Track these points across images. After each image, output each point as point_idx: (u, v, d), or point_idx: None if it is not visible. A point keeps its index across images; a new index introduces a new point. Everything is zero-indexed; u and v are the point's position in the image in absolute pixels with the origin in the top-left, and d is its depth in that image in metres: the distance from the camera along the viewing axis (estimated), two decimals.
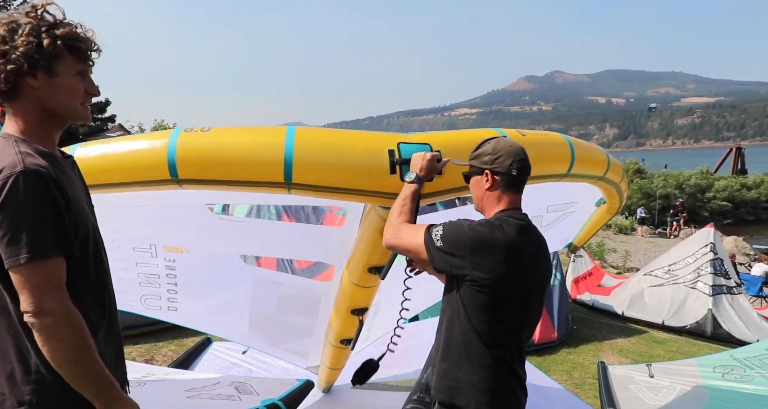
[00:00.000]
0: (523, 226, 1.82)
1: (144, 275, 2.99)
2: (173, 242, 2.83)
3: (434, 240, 1.76)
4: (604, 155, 2.64)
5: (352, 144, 1.86)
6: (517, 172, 1.83)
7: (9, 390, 1.35)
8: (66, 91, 1.41)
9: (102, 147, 1.93)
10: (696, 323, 7.10)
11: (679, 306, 7.43)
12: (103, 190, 1.93)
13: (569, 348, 6.42)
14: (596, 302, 8.27)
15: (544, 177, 2.27)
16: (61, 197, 1.32)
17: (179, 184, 1.82)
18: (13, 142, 1.36)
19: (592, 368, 5.68)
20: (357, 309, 2.52)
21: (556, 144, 2.30)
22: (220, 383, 3.31)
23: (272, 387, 3.08)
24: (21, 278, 1.27)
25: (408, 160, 1.88)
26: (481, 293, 1.72)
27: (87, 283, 1.45)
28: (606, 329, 7.27)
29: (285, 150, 1.75)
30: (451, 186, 2.00)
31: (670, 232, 19.59)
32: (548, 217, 3.54)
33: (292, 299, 3.20)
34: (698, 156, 32.52)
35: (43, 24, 1.37)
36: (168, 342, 5.92)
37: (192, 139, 1.79)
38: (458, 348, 1.79)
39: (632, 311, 7.73)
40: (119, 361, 1.60)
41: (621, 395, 3.73)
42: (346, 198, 1.92)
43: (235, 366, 4.74)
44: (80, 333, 1.31)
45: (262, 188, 1.84)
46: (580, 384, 5.26)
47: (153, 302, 3.17)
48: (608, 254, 13.37)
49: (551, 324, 6.50)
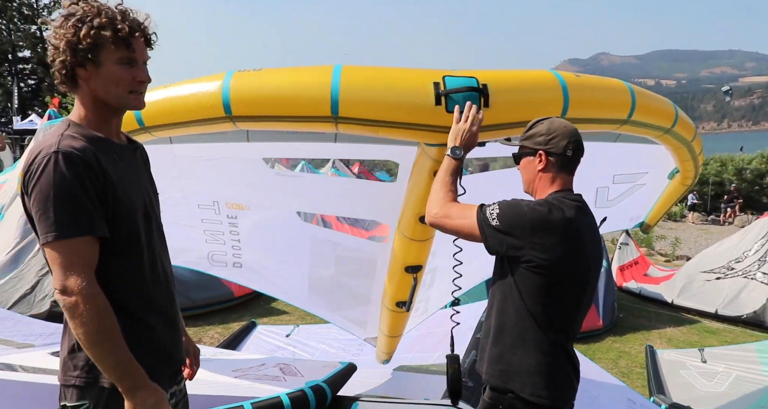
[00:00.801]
0: (579, 207, 1.79)
1: (209, 232, 3.13)
2: (234, 198, 2.94)
3: (489, 219, 1.72)
4: (671, 107, 2.47)
5: (398, 78, 1.87)
6: (572, 153, 1.79)
7: (70, 360, 1.44)
8: (111, 79, 1.43)
9: (164, 91, 2.06)
10: (753, 313, 6.73)
11: (735, 296, 7.06)
12: (166, 130, 2.07)
13: (615, 336, 6.24)
14: (643, 290, 7.99)
15: (601, 121, 2.17)
16: (94, 179, 1.35)
17: (233, 121, 1.92)
18: (66, 125, 1.43)
19: (639, 357, 5.52)
20: (411, 266, 2.52)
21: (616, 88, 2.19)
22: (266, 365, 3.40)
23: (316, 369, 3.14)
24: (50, 255, 1.34)
25: (454, 90, 1.82)
26: (537, 274, 1.69)
27: (128, 268, 1.47)
28: (654, 318, 7.03)
29: (332, 85, 1.79)
30: (499, 121, 1.94)
31: (723, 218, 18.69)
32: (615, 189, 3.39)
33: (349, 261, 3.26)
34: (758, 139, 30.75)
35: (87, 13, 1.39)
36: (214, 325, 6.12)
37: (243, 78, 1.90)
38: (511, 332, 1.76)
39: (683, 300, 7.40)
40: (175, 348, 1.62)
41: (671, 380, 3.59)
42: (393, 133, 1.91)
43: (279, 349, 4.86)
44: (102, 316, 1.33)
45: (310, 124, 1.88)
46: (627, 373, 5.12)
47: (219, 257, 3.32)
48: (657, 241, 12.88)
49: (596, 312, 6.34)
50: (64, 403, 1.45)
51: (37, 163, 1.33)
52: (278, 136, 2.52)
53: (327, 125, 1.88)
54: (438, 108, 1.83)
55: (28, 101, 32.31)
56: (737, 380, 3.46)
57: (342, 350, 4.75)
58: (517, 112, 1.96)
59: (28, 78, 34.16)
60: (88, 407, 1.42)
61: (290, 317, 6.55)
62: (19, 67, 33.61)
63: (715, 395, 3.35)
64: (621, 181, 3.30)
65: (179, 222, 3.15)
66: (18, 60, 33.47)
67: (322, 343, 4.95)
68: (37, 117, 23.24)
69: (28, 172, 1.34)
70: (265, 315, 6.52)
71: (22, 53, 33.43)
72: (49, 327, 4.12)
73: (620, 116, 2.20)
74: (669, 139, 2.64)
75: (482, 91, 1.86)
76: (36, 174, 1.32)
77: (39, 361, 3.12)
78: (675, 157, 3.01)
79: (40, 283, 5.23)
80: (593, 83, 2.14)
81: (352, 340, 4.98)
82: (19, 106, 27.40)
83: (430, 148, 1.99)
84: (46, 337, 3.90)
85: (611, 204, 3.54)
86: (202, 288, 6.37)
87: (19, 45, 32.95)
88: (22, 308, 4.99)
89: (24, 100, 31.58)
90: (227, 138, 2.46)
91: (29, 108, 30.84)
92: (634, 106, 2.18)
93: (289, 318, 6.50)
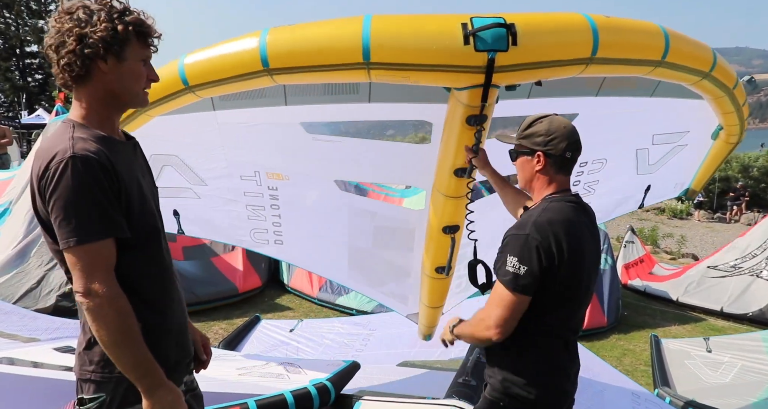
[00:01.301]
0: (576, 207, 1.80)
1: (251, 206, 3.23)
2: (274, 167, 3.03)
3: (515, 273, 1.68)
4: (708, 51, 2.39)
5: (426, 22, 1.92)
6: (571, 154, 1.79)
7: (87, 355, 1.47)
8: (132, 75, 1.48)
9: (205, 51, 2.15)
10: (759, 311, 6.70)
11: (741, 293, 7.02)
12: (209, 88, 2.16)
13: (619, 334, 6.23)
14: (648, 288, 7.96)
15: (633, 62, 2.11)
16: (110, 181, 1.37)
17: (270, 74, 2.00)
18: (71, 127, 1.42)
19: (643, 354, 5.50)
20: (448, 226, 2.55)
21: (648, 31, 2.13)
22: (270, 363, 3.41)
23: (320, 367, 3.15)
24: (72, 259, 1.34)
25: (481, 28, 1.82)
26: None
27: (145, 264, 1.51)
28: (659, 316, 7.00)
29: (362, 33, 1.86)
30: (528, 60, 1.92)
31: (730, 216, 18.59)
32: (655, 151, 3.32)
33: (387, 231, 3.28)
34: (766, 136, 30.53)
35: (116, 11, 1.42)
36: (219, 321, 6.14)
37: (278, 33, 1.99)
38: (512, 336, 1.76)
39: (688, 297, 7.37)
40: (184, 340, 1.65)
41: (676, 371, 3.56)
42: (423, 77, 1.94)
43: (282, 344, 4.87)
44: (124, 316, 1.37)
45: (343, 72, 1.94)
46: (631, 371, 5.10)
47: (261, 235, 3.41)
48: (662, 239, 12.83)
49: (601, 309, 6.32)
50: (81, 396, 1.48)
51: (53, 167, 1.32)
52: (314, 98, 2.60)
53: (360, 73, 1.93)
54: (467, 48, 1.83)
55: (35, 96, 32.46)
56: (743, 370, 3.43)
57: (345, 345, 4.76)
58: (546, 52, 1.94)
59: (35, 73, 34.31)
60: (105, 399, 1.45)
61: (294, 313, 6.56)
62: (26, 61, 33.75)
63: (720, 387, 3.33)
64: (661, 142, 3.22)
65: (224, 196, 3.25)
66: (26, 55, 33.61)
67: (326, 338, 4.96)
68: (44, 112, 23.34)
69: (43, 177, 1.34)
70: (269, 311, 6.53)
71: (30, 48, 33.56)
72: (54, 322, 4.15)
73: (654, 57, 2.14)
74: (708, 87, 2.52)
75: (510, 28, 1.84)
76: (53, 179, 1.32)
77: (44, 356, 3.15)
78: (717, 111, 2.85)
79: (45, 277, 5.25)
80: (625, 25, 2.10)
81: (356, 335, 5.00)
82: (26, 101, 27.55)
83: (461, 92, 2.01)
84: (52, 331, 3.92)
85: (653, 169, 3.47)
86: (206, 284, 6.40)
87: (26, 40, 33.07)
88: (27, 303, 5.02)
89: (31, 94, 31.74)
90: (266, 102, 2.56)
91: (36, 102, 30.99)
92: (668, 47, 2.12)
93: (293, 314, 6.51)
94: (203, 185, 3.23)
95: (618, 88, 2.78)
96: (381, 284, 3.61)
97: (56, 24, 1.41)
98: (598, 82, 2.70)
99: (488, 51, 1.82)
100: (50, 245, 1.44)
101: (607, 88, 2.73)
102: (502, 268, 1.72)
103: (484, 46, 1.82)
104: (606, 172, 3.36)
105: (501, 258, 1.75)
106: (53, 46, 1.41)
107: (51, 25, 1.43)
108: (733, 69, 2.58)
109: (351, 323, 5.35)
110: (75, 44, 1.38)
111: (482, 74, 1.88)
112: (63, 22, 1.40)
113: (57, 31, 1.41)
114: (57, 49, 1.41)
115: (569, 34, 1.95)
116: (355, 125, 3.11)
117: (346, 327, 5.23)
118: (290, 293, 7.22)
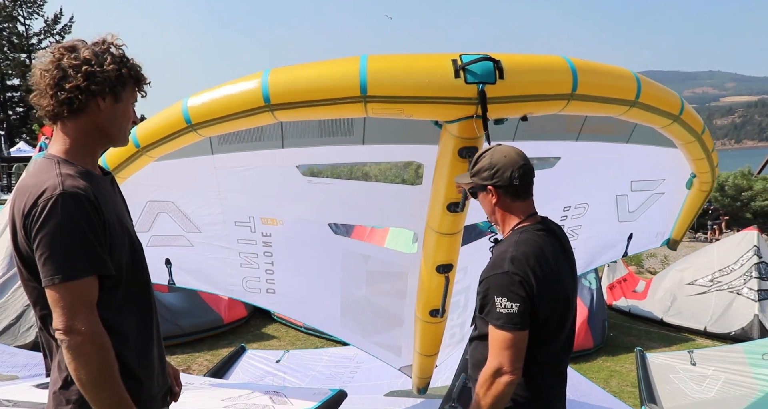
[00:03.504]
0: (544, 236, 1.83)
1: (244, 254, 3.26)
2: (269, 212, 3.09)
3: (507, 311, 1.70)
4: (676, 96, 2.58)
5: (419, 59, 2.09)
6: (519, 180, 1.81)
7: (63, 394, 1.44)
8: (124, 116, 1.54)
9: (209, 93, 2.24)
10: (741, 330, 6.78)
11: (723, 312, 7.11)
12: (211, 126, 2.24)
13: (606, 355, 6.25)
14: (633, 308, 8.03)
15: (612, 101, 2.26)
16: (97, 218, 1.38)
17: (271, 110, 2.10)
18: (56, 163, 1.43)
19: (630, 375, 5.51)
20: (442, 265, 2.57)
21: (622, 74, 2.31)
22: (256, 392, 3.36)
23: (306, 397, 3.11)
24: (55, 296, 1.34)
25: (470, 62, 1.95)
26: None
27: (127, 297, 1.50)
28: (644, 336, 7.05)
29: (360, 69, 1.99)
30: (514, 93, 2.05)
31: (710, 236, 18.92)
32: (635, 198, 3.46)
33: (380, 276, 3.31)
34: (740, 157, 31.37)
35: (117, 55, 1.50)
36: (203, 352, 6.05)
37: (279, 72, 2.13)
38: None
39: (672, 318, 7.45)
40: (162, 370, 1.65)
41: (662, 387, 3.57)
42: (417, 109, 2.06)
43: (269, 375, 4.80)
44: (105, 354, 1.36)
45: (341, 106, 2.04)
46: (618, 392, 5.11)
47: (253, 284, 3.42)
48: (646, 259, 12.98)
49: (587, 331, 6.34)
50: None
51: (41, 204, 1.32)
52: (310, 140, 2.70)
53: (357, 107, 2.03)
54: (458, 81, 1.96)
55: (15, 129, 32.23)
56: (726, 383, 3.45)
57: (332, 377, 4.71)
58: (530, 87, 2.09)
59: (16, 106, 34.14)
60: None
61: (280, 342, 6.49)
62: (7, 94, 33.62)
63: (705, 402, 3.35)
64: (639, 189, 3.38)
65: (217, 244, 3.28)
66: (7, 88, 33.50)
67: (313, 369, 4.90)
68: (25, 145, 23.15)
69: (30, 213, 1.33)
70: (255, 340, 6.45)
71: (11, 81, 33.48)
72: (35, 358, 4.05)
73: (628, 97, 2.30)
74: (679, 131, 2.66)
75: (496, 63, 1.97)
76: (42, 215, 1.32)
77: (23, 394, 3.07)
78: (688, 157, 3.01)
79: (25, 313, 5.16)
80: (600, 68, 2.27)
81: (342, 366, 4.94)
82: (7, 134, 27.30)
83: (452, 125, 2.12)
84: (31, 368, 3.83)
85: (634, 217, 3.63)
86: (191, 315, 6.32)
87: (8, 74, 33.01)
88: (7, 339, 4.91)
89: (12, 127, 31.51)
90: (264, 145, 2.67)
91: (17, 136, 30.76)
92: (639, 89, 2.29)
93: (280, 343, 6.44)
94: (197, 232, 3.24)
95: (596, 134, 2.94)
96: (374, 333, 3.59)
97: (55, 58, 1.43)
98: (578, 126, 2.86)
99: (478, 83, 1.94)
100: (26, 281, 1.43)
101: (587, 132, 2.89)
102: (493, 311, 1.71)
103: (474, 78, 1.94)
104: (589, 218, 3.51)
105: (487, 301, 1.74)
106: (53, 79, 1.42)
107: (47, 59, 1.44)
108: (705, 92, 2.72)
109: (338, 355, 5.30)
110: (83, 80, 1.42)
111: (473, 106, 1.99)
112: (66, 58, 1.42)
113: (56, 66, 1.42)
114: (58, 82, 1.42)
115: (551, 71, 2.12)
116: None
117: (333, 359, 5.17)
118: (276, 322, 7.15)
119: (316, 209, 3.09)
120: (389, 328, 3.48)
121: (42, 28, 33.66)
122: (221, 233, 3.19)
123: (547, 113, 2.24)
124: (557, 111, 2.20)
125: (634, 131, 2.96)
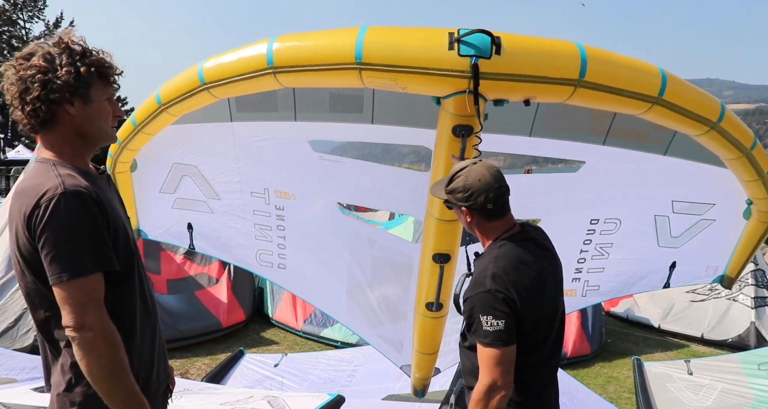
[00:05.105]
0: (525, 245, 1.83)
1: (259, 226, 3.32)
2: (282, 185, 3.15)
3: (494, 328, 1.71)
4: (716, 100, 2.28)
5: (416, 30, 2.04)
6: (493, 204, 1.81)
7: (67, 396, 1.44)
8: (99, 115, 1.49)
9: (223, 56, 2.34)
10: (738, 337, 6.81)
11: (720, 319, 7.13)
12: (221, 86, 2.32)
13: (603, 362, 6.26)
14: (631, 315, 8.04)
15: (628, 94, 2.06)
16: (100, 215, 1.39)
17: (274, 73, 2.16)
18: (51, 165, 1.43)
19: (627, 381, 5.53)
20: (439, 254, 2.51)
21: (642, 68, 2.10)
22: (253, 397, 3.37)
23: (304, 402, 3.12)
24: (63, 294, 1.34)
25: (466, 33, 1.91)
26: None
27: (131, 292, 1.52)
28: (642, 343, 7.07)
29: (357, 37, 2.00)
30: (513, 70, 1.96)
31: None
32: (678, 221, 3.07)
33: (386, 264, 3.29)
34: None
35: (76, 53, 1.43)
36: (202, 357, 6.04)
37: (285, 38, 2.19)
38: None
39: (669, 324, 7.46)
40: (163, 365, 1.67)
41: (659, 395, 3.59)
42: (411, 80, 2.02)
43: (267, 379, 4.80)
44: (116, 348, 1.37)
45: (337, 73, 2.07)
46: (615, 398, 5.12)
47: (266, 257, 3.46)
48: None
49: (584, 337, 6.36)
50: None
51: (44, 204, 1.33)
52: (321, 115, 2.75)
53: (351, 74, 2.04)
54: (451, 52, 1.92)
55: (16, 133, 32.22)
56: (723, 392, 3.47)
57: (330, 380, 4.71)
58: (530, 66, 1.96)
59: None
60: None
61: (279, 346, 6.49)
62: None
63: None
64: (683, 211, 3.02)
65: (234, 213, 3.35)
66: None
67: (311, 373, 4.91)
68: (24, 148, 23.13)
69: (33, 214, 1.34)
70: (253, 345, 6.45)
71: None
72: (33, 361, 4.06)
73: (649, 92, 2.06)
74: (718, 141, 2.30)
75: (493, 38, 1.89)
76: (45, 215, 1.32)
77: (22, 397, 3.08)
78: (738, 178, 2.60)
79: (23, 316, 5.15)
80: (616, 58, 2.09)
81: (341, 369, 4.95)
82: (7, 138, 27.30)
83: (447, 101, 2.06)
84: (30, 371, 3.84)
85: (677, 243, 3.22)
86: (190, 319, 6.31)
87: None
88: (5, 342, 4.90)
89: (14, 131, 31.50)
90: (278, 116, 2.74)
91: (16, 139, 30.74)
92: (664, 85, 2.07)
93: (278, 347, 6.44)
94: (217, 199, 3.33)
95: (627, 139, 2.68)
96: (378, 324, 3.54)
97: (15, 70, 1.40)
98: (605, 128, 2.61)
99: (471, 56, 1.88)
100: (28, 284, 1.43)
101: (616, 136, 2.63)
102: (480, 330, 1.73)
103: (467, 51, 1.88)
104: (621, 236, 3.19)
105: (473, 320, 1.76)
106: (17, 93, 1.40)
107: (10, 72, 1.42)
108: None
109: (336, 359, 5.30)
110: (39, 90, 1.38)
111: (466, 80, 1.92)
112: (23, 68, 1.39)
113: (18, 78, 1.40)
114: (20, 95, 1.40)
115: (556, 53, 1.98)
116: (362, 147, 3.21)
117: (331, 363, 5.17)
118: (275, 326, 7.14)
119: (326, 186, 3.13)
120: (392, 321, 3.44)
121: (42, 31, 33.74)
122: (239, 202, 3.26)
123: (553, 101, 2.09)
124: (564, 99, 2.04)
125: (673, 141, 2.64)
